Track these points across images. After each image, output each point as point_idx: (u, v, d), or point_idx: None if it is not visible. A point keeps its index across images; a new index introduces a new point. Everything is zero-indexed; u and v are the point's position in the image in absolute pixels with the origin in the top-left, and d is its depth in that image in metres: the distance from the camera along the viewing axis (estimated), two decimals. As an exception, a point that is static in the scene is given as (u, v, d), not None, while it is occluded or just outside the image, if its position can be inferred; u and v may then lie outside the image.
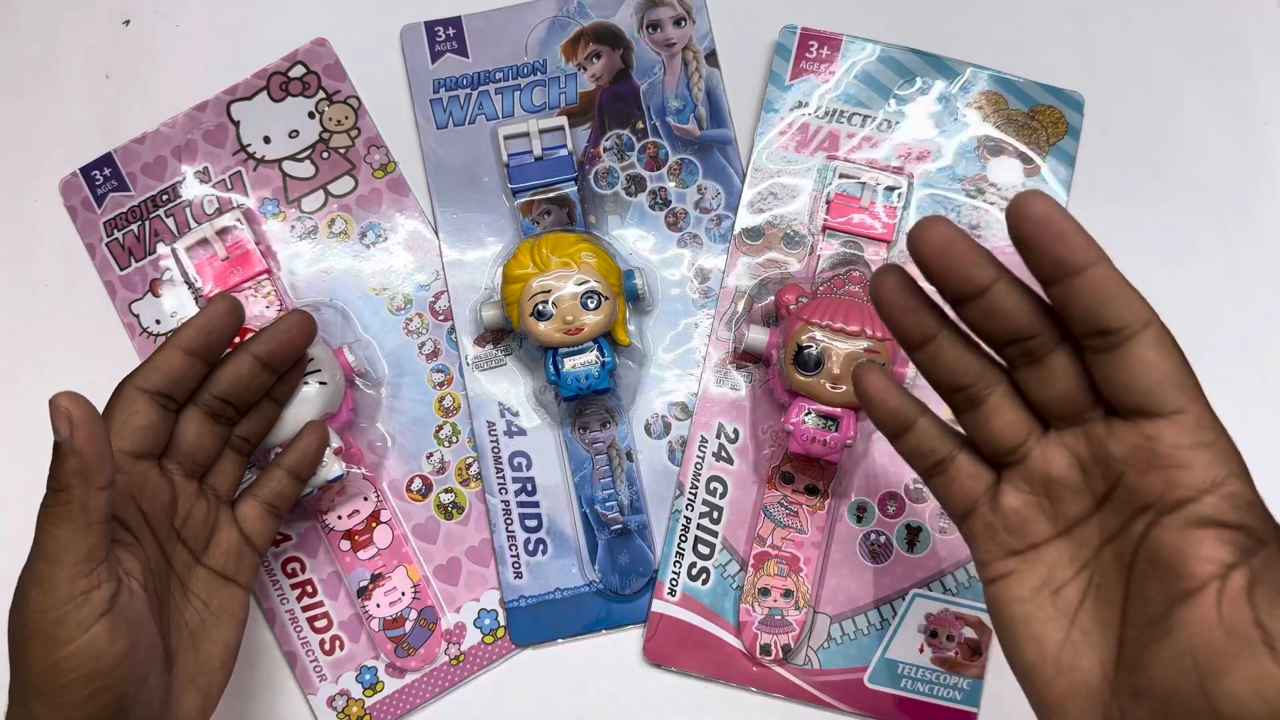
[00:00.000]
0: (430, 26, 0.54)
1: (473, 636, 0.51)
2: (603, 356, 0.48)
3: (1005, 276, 0.29)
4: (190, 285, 0.52)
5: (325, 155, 0.53)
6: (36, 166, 0.54)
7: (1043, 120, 0.52)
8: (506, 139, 0.52)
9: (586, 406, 0.51)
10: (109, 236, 0.53)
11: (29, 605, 0.34)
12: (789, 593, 0.49)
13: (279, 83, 0.54)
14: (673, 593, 0.50)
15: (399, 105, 0.54)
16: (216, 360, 0.42)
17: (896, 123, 0.52)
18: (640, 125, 0.53)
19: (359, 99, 0.54)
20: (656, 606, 0.50)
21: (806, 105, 0.53)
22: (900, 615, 0.50)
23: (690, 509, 0.50)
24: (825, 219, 0.51)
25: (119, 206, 0.53)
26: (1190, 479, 0.28)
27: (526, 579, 0.51)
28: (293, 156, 0.53)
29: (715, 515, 0.51)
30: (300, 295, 0.52)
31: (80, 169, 0.53)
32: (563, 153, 0.52)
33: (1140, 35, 0.55)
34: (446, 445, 0.52)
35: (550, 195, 0.52)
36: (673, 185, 0.53)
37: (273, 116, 0.53)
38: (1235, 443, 0.29)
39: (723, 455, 0.51)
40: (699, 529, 0.50)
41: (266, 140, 0.53)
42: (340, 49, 0.54)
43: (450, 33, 0.54)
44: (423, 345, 0.53)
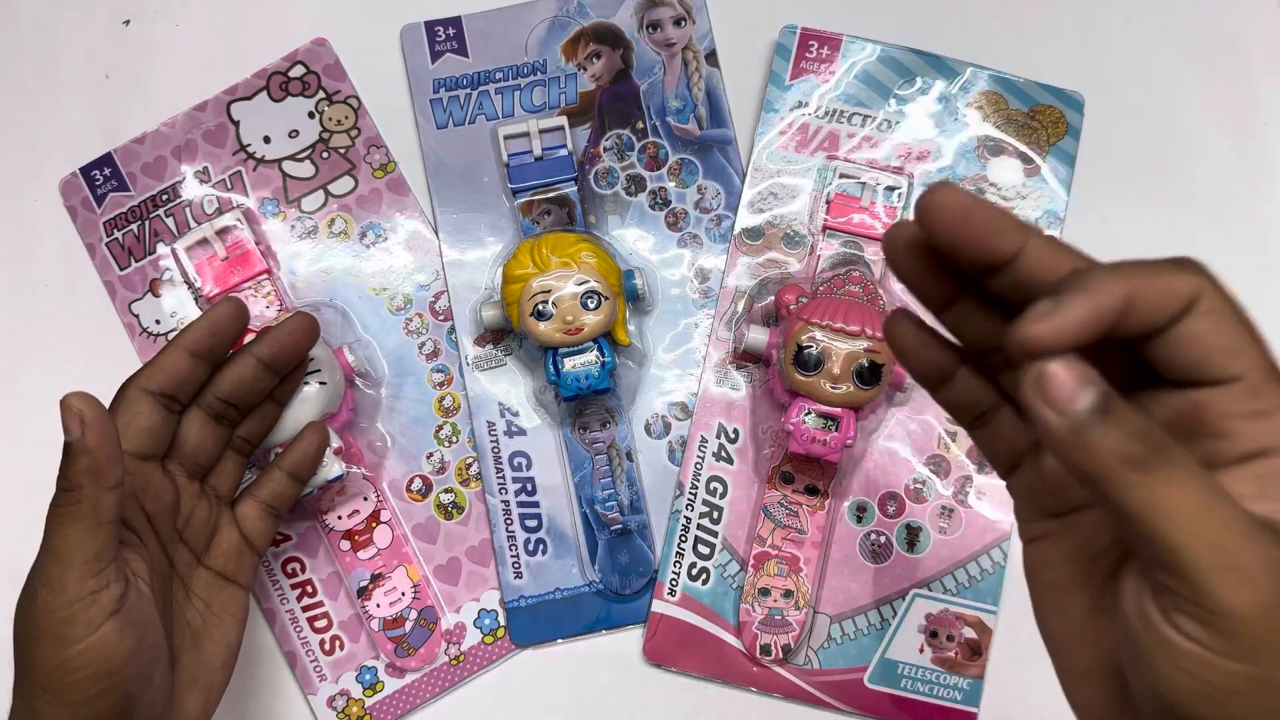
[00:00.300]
0: (430, 26, 0.54)
1: (473, 636, 0.51)
2: (603, 356, 0.48)
3: (1034, 235, 0.26)
4: (190, 285, 0.52)
5: (325, 155, 0.53)
6: (36, 166, 0.54)
7: (1043, 120, 0.52)
8: (506, 139, 0.52)
9: (586, 406, 0.51)
10: (109, 236, 0.53)
11: (37, 604, 0.34)
12: (789, 593, 0.49)
13: (279, 83, 0.54)
14: (673, 593, 0.50)
15: (399, 105, 0.54)
16: (220, 362, 0.42)
17: (897, 123, 0.52)
18: (640, 125, 0.53)
19: (359, 99, 0.54)
20: (656, 606, 0.50)
21: (806, 105, 0.53)
22: (900, 615, 0.50)
23: (690, 509, 0.50)
24: (825, 219, 0.51)
25: (119, 206, 0.53)
26: (1234, 449, 0.25)
27: (526, 579, 0.51)
28: (293, 156, 0.53)
29: (715, 515, 0.51)
30: (300, 295, 0.52)
31: (80, 169, 0.53)
32: (563, 153, 0.52)
33: (1140, 35, 0.55)
34: (446, 445, 0.52)
35: (550, 195, 0.52)
36: (673, 185, 0.53)
37: (273, 116, 0.53)
38: None
39: (723, 455, 0.51)
40: (699, 529, 0.50)
41: (266, 140, 0.53)
42: (340, 49, 0.54)
43: (450, 33, 0.54)
44: (423, 345, 0.53)
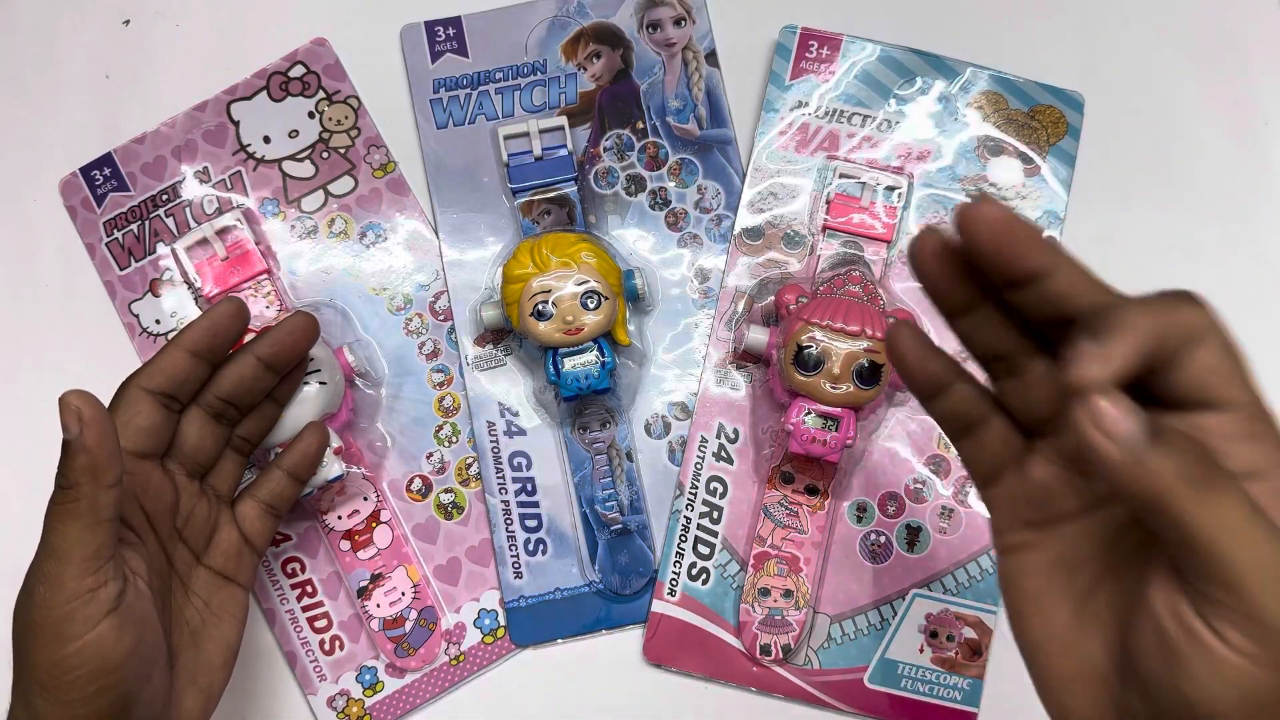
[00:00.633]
0: (430, 26, 0.54)
1: (473, 636, 0.51)
2: (603, 356, 0.48)
3: (1065, 257, 0.27)
4: (190, 285, 0.52)
5: (325, 155, 0.53)
6: (36, 166, 0.54)
7: (1043, 120, 0.52)
8: (506, 139, 0.52)
9: (586, 406, 0.51)
10: (109, 236, 0.53)
11: (36, 601, 0.34)
12: (789, 593, 0.49)
13: (279, 83, 0.54)
14: (673, 593, 0.50)
15: (399, 105, 0.54)
16: (220, 362, 0.42)
17: (896, 123, 0.52)
18: (640, 125, 0.53)
19: (359, 99, 0.54)
20: (656, 606, 0.50)
21: (806, 105, 0.53)
22: (900, 615, 0.50)
23: (690, 509, 0.50)
24: (825, 219, 0.51)
25: (119, 206, 0.53)
26: (1233, 470, 0.26)
27: (526, 579, 0.51)
28: (293, 156, 0.53)
29: (715, 515, 0.51)
30: (300, 295, 0.52)
31: (80, 169, 0.53)
32: (563, 153, 0.52)
33: (1140, 35, 0.55)
34: (446, 445, 0.52)
35: (550, 195, 0.52)
36: (673, 185, 0.53)
37: (273, 116, 0.53)
38: None
39: (723, 455, 0.51)
40: (699, 529, 0.50)
41: (266, 140, 0.53)
42: (340, 49, 0.54)
43: (450, 33, 0.54)
44: (423, 345, 0.53)
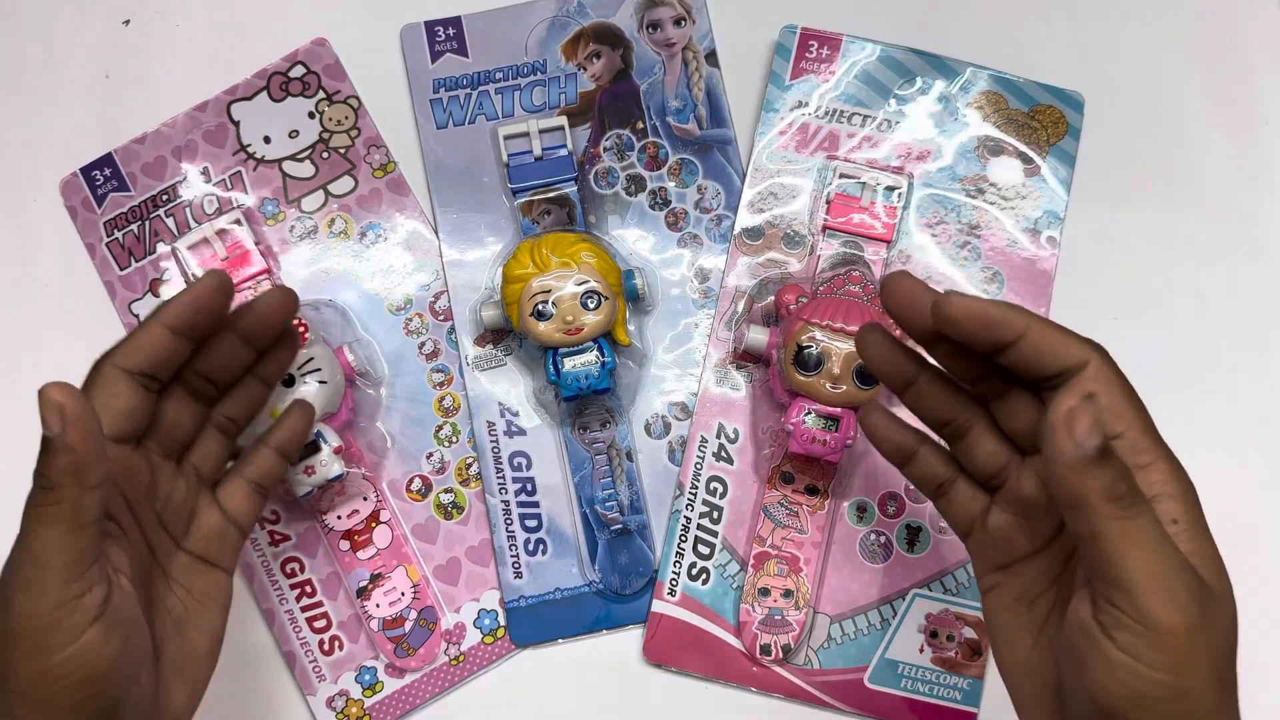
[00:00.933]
0: (430, 26, 0.54)
1: (473, 636, 0.51)
2: (603, 356, 0.48)
3: (1032, 320, 0.32)
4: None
5: (325, 155, 0.53)
6: (36, 166, 0.54)
7: (1043, 120, 0.52)
8: (506, 139, 0.52)
9: (586, 406, 0.51)
10: (109, 236, 0.53)
11: (15, 610, 0.32)
12: (789, 593, 0.49)
13: (279, 83, 0.54)
14: (673, 593, 0.50)
15: (399, 105, 0.54)
16: (203, 339, 0.38)
17: (896, 123, 0.52)
18: (640, 125, 0.53)
19: (359, 99, 0.54)
20: (656, 606, 0.50)
21: (806, 105, 0.53)
22: (900, 615, 0.50)
23: (690, 509, 0.50)
24: (825, 219, 0.51)
25: (119, 206, 0.53)
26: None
27: (526, 579, 0.51)
28: (293, 156, 0.53)
29: (715, 515, 0.50)
30: (300, 295, 0.52)
31: (80, 169, 0.53)
32: (563, 153, 0.52)
33: (1140, 35, 0.55)
34: (446, 445, 0.52)
35: (550, 195, 0.52)
36: (673, 185, 0.53)
37: (273, 116, 0.53)
38: (1178, 461, 0.31)
39: (723, 455, 0.51)
40: (699, 529, 0.50)
41: (266, 140, 0.53)
42: (340, 49, 0.54)
43: (450, 33, 0.54)
44: (423, 345, 0.53)
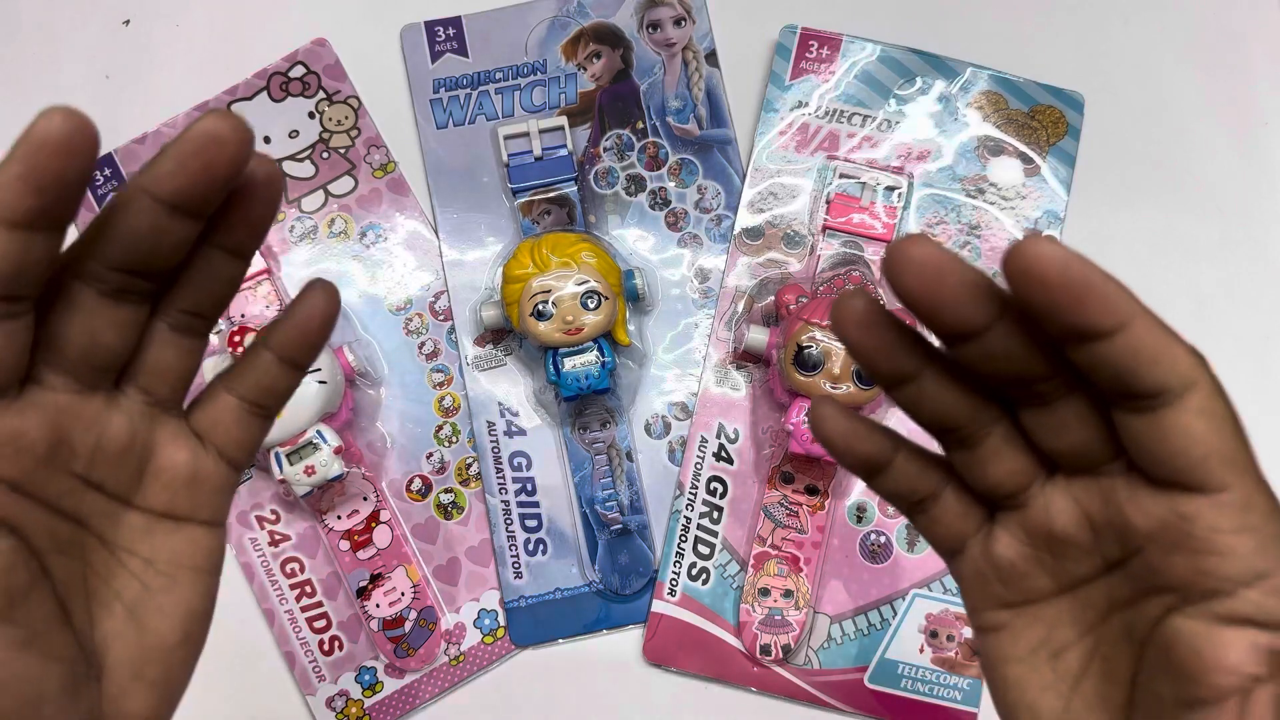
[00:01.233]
0: (430, 26, 0.54)
1: (472, 637, 0.51)
2: (603, 356, 0.48)
3: (1009, 315, 0.23)
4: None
5: (325, 155, 0.53)
6: (36, 166, 0.54)
7: (1043, 120, 0.52)
8: (506, 139, 0.52)
9: (586, 406, 0.51)
10: (109, 236, 0.53)
11: None
12: (789, 593, 0.49)
13: (279, 83, 0.54)
14: (673, 593, 0.50)
15: (399, 105, 0.54)
16: (68, 217, 0.24)
17: (896, 123, 0.52)
18: (640, 125, 0.53)
19: (359, 99, 0.54)
20: (656, 606, 0.50)
21: (806, 105, 0.53)
22: (900, 615, 0.50)
23: (690, 509, 0.50)
24: (825, 219, 0.51)
25: (119, 206, 0.53)
26: (1226, 568, 0.23)
27: (526, 579, 0.51)
28: (293, 156, 0.53)
29: (715, 515, 0.51)
30: (300, 295, 0.52)
31: (80, 169, 0.53)
32: (563, 153, 0.52)
33: (1140, 35, 0.55)
34: (446, 445, 0.52)
35: (550, 195, 0.52)
36: (673, 185, 0.53)
37: (273, 116, 0.53)
38: None
39: (723, 455, 0.51)
40: (699, 529, 0.50)
41: (266, 140, 0.53)
42: (340, 49, 0.54)
43: (450, 33, 0.54)
44: (423, 345, 0.53)
